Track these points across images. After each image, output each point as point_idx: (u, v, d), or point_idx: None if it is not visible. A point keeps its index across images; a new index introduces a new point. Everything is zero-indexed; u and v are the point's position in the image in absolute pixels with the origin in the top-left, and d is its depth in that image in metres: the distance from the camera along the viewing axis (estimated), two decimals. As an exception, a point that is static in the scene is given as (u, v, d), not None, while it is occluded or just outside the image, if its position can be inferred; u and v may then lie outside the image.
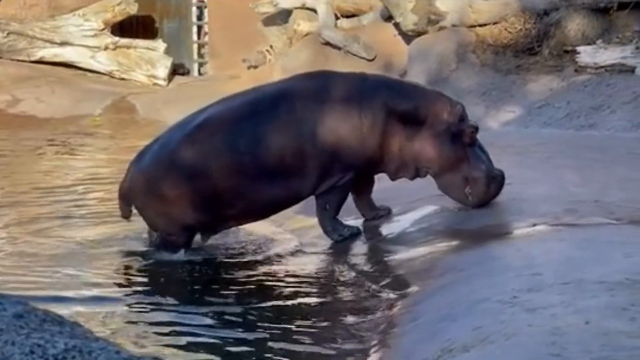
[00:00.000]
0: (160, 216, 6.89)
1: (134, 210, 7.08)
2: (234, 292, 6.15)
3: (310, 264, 6.64)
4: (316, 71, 8.05)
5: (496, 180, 6.88)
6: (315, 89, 6.92)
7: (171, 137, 7.01)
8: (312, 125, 6.75)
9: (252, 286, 6.27)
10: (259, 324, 5.38)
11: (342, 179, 6.83)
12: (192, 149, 6.83)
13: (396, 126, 6.83)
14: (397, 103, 6.87)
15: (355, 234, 6.99)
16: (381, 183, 7.16)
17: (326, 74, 7.44)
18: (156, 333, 5.35)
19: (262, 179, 6.75)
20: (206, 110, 7.06)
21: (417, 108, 6.87)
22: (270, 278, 6.43)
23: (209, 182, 6.76)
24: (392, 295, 5.65)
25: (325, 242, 7.02)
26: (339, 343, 4.99)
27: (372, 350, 4.79)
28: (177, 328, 5.43)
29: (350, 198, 7.11)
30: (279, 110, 6.82)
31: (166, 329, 5.41)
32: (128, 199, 7.03)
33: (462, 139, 6.84)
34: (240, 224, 7.19)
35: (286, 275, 6.44)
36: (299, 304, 5.76)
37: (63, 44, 18.39)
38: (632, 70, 10.87)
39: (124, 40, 18.73)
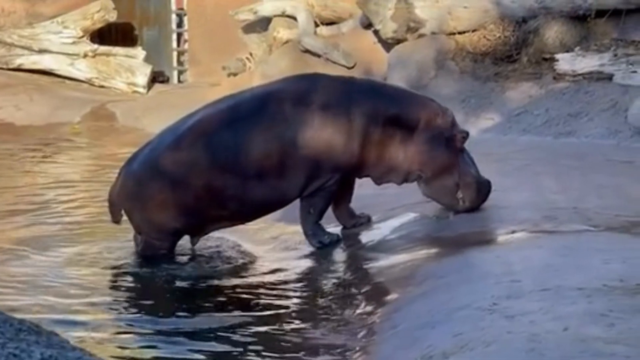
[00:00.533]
0: (148, 219, 6.87)
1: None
2: (209, 303, 6.08)
3: (289, 272, 6.63)
4: (306, 73, 8.05)
5: (485, 186, 6.94)
6: (304, 91, 6.91)
7: (161, 141, 6.99)
8: (300, 127, 6.74)
9: (231, 296, 6.22)
10: (236, 334, 5.34)
11: (328, 182, 6.82)
12: (182, 151, 6.81)
13: (385, 130, 6.83)
14: (386, 107, 6.88)
15: (335, 241, 6.98)
16: (360, 190, 7.16)
17: (316, 76, 7.44)
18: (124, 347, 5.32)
19: (250, 181, 6.74)
20: (196, 113, 7.05)
21: (407, 112, 6.89)
22: (248, 286, 6.39)
23: (197, 185, 6.74)
24: (371, 303, 5.65)
25: (305, 249, 7.02)
26: (319, 351, 4.98)
27: (352, 357, 4.78)
28: (146, 343, 5.37)
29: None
30: (267, 112, 6.81)
31: (133, 344, 5.36)
32: (118, 203, 7.01)
33: (454, 144, 6.87)
34: (229, 226, 7.17)
35: (264, 283, 6.41)
36: (277, 311, 5.74)
37: (42, 51, 18.34)
38: (609, 77, 10.91)
39: (103, 48, 18.69)
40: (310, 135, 6.75)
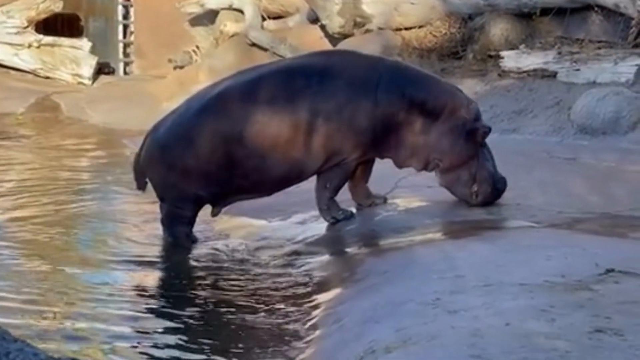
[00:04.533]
0: (172, 186, 6.91)
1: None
2: (154, 299, 6.07)
3: (230, 267, 6.61)
4: (336, 49, 8.02)
5: (501, 183, 6.93)
6: (332, 67, 6.90)
7: (188, 108, 6.99)
8: (326, 102, 6.73)
9: (172, 289, 6.19)
10: (177, 329, 5.31)
11: (347, 159, 6.83)
12: (208, 120, 6.82)
13: (410, 114, 6.81)
14: (414, 91, 6.86)
15: (348, 217, 6.99)
16: (305, 184, 7.15)
17: (346, 53, 7.42)
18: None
19: (274, 153, 6.74)
20: (223, 82, 7.06)
21: (434, 99, 6.87)
22: (190, 280, 6.38)
23: (223, 154, 6.76)
24: (315, 297, 5.66)
25: (249, 243, 7.03)
26: (261, 346, 4.98)
27: (294, 352, 4.79)
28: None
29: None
30: (295, 85, 6.80)
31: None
32: (142, 170, 7.05)
33: (475, 138, 6.86)
34: (249, 198, 7.17)
35: (206, 277, 6.40)
36: (219, 306, 5.72)
37: (-15, 41, 18.15)
38: (554, 75, 11.02)
39: (49, 39, 18.55)
40: (336, 112, 6.74)
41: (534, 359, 3.63)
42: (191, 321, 5.41)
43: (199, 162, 6.81)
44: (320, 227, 7.07)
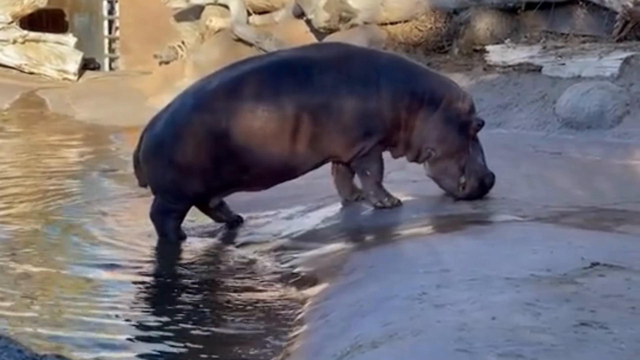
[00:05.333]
0: (170, 182, 6.87)
1: None
2: (139, 301, 6.06)
3: (218, 261, 6.61)
4: (335, 42, 7.98)
5: (489, 178, 6.96)
6: (330, 59, 6.89)
7: (183, 103, 6.95)
8: (325, 95, 6.73)
9: (157, 288, 6.19)
10: (160, 326, 5.30)
11: (364, 149, 6.82)
12: (205, 113, 6.78)
13: (409, 107, 6.83)
14: (414, 84, 6.88)
15: (395, 205, 6.96)
16: (293, 180, 7.15)
17: (344, 45, 7.44)
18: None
19: (273, 146, 6.71)
20: (216, 77, 7.02)
21: (433, 91, 6.89)
22: (175, 277, 6.37)
23: (219, 148, 6.72)
24: (301, 292, 5.66)
25: (235, 239, 7.02)
26: (247, 340, 4.98)
27: (281, 347, 4.79)
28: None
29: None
30: (292, 78, 6.79)
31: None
32: (141, 166, 7.01)
33: (468, 130, 6.89)
34: (247, 191, 7.17)
35: (193, 273, 6.39)
36: (203, 302, 5.72)
37: (-30, 37, 18.09)
38: (539, 69, 11.03)
39: (34, 34, 18.51)
40: (335, 105, 6.73)
41: (520, 352, 3.64)
42: (176, 317, 5.40)
43: (199, 158, 6.77)
44: (306, 223, 7.07)
